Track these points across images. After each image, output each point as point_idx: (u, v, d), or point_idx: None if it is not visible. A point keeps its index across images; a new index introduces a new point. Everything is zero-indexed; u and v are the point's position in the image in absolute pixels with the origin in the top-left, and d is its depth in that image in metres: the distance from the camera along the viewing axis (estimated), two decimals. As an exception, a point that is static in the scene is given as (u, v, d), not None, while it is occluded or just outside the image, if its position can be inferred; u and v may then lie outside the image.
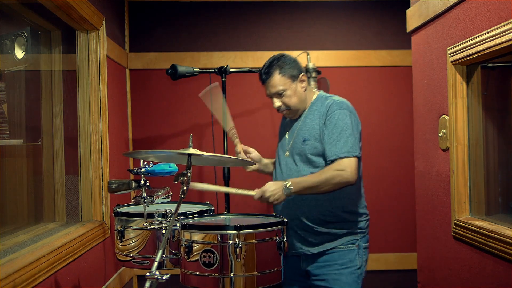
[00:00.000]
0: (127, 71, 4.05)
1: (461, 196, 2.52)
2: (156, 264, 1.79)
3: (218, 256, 2.09)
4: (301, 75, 2.57)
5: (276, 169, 2.71)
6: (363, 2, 4.18)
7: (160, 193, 2.36)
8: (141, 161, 2.30)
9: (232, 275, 2.09)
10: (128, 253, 2.39)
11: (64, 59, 3.10)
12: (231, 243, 2.09)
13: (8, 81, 2.76)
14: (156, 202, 2.33)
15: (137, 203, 2.43)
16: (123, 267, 3.47)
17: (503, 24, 2.07)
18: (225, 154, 3.25)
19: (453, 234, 2.56)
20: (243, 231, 2.10)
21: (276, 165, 2.72)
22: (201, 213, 2.49)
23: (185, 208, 2.57)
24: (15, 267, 1.97)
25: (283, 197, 2.42)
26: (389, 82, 4.20)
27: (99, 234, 2.97)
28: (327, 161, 2.48)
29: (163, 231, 2.31)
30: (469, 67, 2.51)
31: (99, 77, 3.10)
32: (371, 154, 4.06)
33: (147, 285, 1.74)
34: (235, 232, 2.10)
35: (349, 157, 2.42)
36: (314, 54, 4.07)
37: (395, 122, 4.20)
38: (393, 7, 4.07)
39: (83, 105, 3.07)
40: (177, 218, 2.30)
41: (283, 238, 2.20)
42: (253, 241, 2.12)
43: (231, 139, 2.76)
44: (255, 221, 2.34)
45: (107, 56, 3.28)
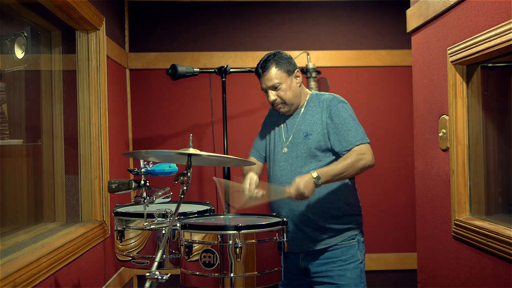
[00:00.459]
0: (127, 71, 4.05)
1: (461, 196, 2.52)
2: (156, 264, 1.79)
3: (218, 256, 2.09)
4: (296, 71, 2.63)
5: (273, 167, 2.68)
6: (363, 2, 4.18)
7: (160, 193, 2.36)
8: (141, 161, 2.30)
9: (232, 275, 2.09)
10: (128, 253, 2.38)
11: (64, 59, 3.10)
12: (231, 243, 2.09)
13: (8, 81, 2.76)
14: (156, 202, 2.33)
15: (137, 203, 2.43)
16: (123, 267, 3.47)
17: (503, 24, 2.07)
18: (225, 154, 3.25)
19: (453, 234, 2.56)
20: (243, 231, 2.10)
21: (271, 163, 2.70)
22: (201, 213, 2.49)
23: (185, 208, 2.57)
24: (15, 267, 1.97)
25: (314, 190, 2.38)
26: (389, 82, 4.20)
27: (99, 234, 2.97)
28: (342, 152, 2.51)
29: (163, 231, 2.31)
30: (469, 67, 2.51)
31: (99, 77, 3.10)
32: (371, 154, 4.06)
33: (147, 285, 1.74)
34: (235, 232, 2.10)
35: (363, 143, 2.50)
36: (314, 54, 4.07)
37: (395, 122, 4.20)
38: (393, 7, 4.07)
39: (83, 105, 3.07)
40: (177, 218, 2.30)
41: (283, 238, 2.20)
42: (253, 241, 2.12)
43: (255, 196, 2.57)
44: (255, 221, 2.34)
45: (107, 56, 3.28)
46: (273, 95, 2.61)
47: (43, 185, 2.99)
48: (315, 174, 2.36)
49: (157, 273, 1.75)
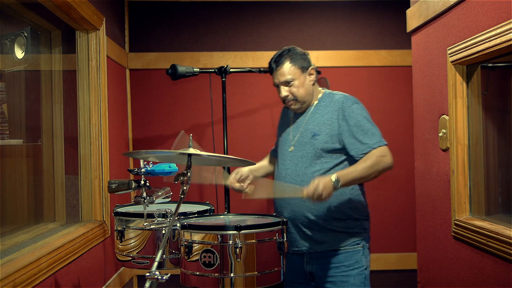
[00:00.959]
0: (127, 71, 4.05)
1: (461, 196, 2.52)
2: (156, 264, 1.79)
3: (218, 256, 2.09)
4: (310, 68, 2.55)
5: (279, 165, 2.63)
6: (363, 2, 4.18)
7: (160, 193, 2.36)
8: (141, 161, 2.30)
9: (232, 275, 2.09)
10: (128, 253, 2.39)
11: (64, 59, 3.11)
12: (231, 243, 2.09)
13: (8, 81, 2.76)
14: (156, 202, 2.34)
15: (137, 203, 2.43)
16: (123, 267, 3.47)
17: (503, 24, 2.07)
18: (225, 154, 3.25)
19: (453, 234, 2.56)
20: (243, 231, 2.10)
21: (278, 161, 2.65)
22: (201, 213, 2.49)
23: (185, 208, 2.57)
24: (15, 267, 1.97)
25: (332, 192, 2.31)
26: (389, 82, 4.20)
27: (99, 234, 2.97)
28: (358, 155, 2.44)
29: (163, 231, 2.31)
30: (469, 67, 2.51)
31: (99, 77, 3.10)
32: (371, 154, 4.06)
33: (147, 285, 1.74)
34: (235, 232, 2.10)
35: (381, 145, 2.43)
36: (314, 54, 4.06)
37: (395, 122, 4.20)
38: (393, 7, 4.07)
39: (83, 105, 3.07)
40: (177, 218, 2.30)
41: (283, 238, 2.20)
42: (253, 241, 2.12)
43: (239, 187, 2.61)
44: (255, 221, 2.34)
45: (107, 56, 3.28)
46: (285, 91, 2.53)
47: (43, 185, 2.99)
48: (334, 176, 2.30)
49: (157, 273, 1.75)
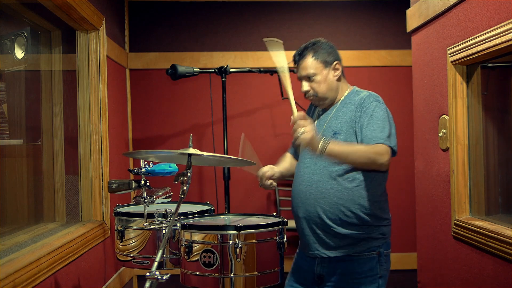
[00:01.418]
0: (127, 71, 4.05)
1: (461, 196, 2.52)
2: (156, 264, 1.79)
3: (218, 256, 2.09)
4: (335, 63, 2.43)
5: (299, 163, 2.48)
6: (363, 2, 4.18)
7: (160, 193, 2.36)
8: (141, 161, 2.30)
9: (232, 275, 2.09)
10: (128, 253, 2.38)
11: (64, 59, 3.11)
12: (231, 243, 2.09)
13: (8, 81, 2.76)
14: (156, 202, 2.33)
15: (137, 203, 2.43)
16: (123, 267, 3.47)
17: (503, 24, 2.07)
18: (225, 154, 3.25)
19: (453, 234, 2.56)
20: (243, 231, 2.10)
21: (299, 159, 2.50)
22: (201, 213, 2.49)
23: (185, 208, 2.57)
24: (15, 267, 1.97)
25: (313, 145, 2.16)
26: (389, 82, 4.20)
27: (99, 234, 2.97)
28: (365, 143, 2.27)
29: (163, 231, 2.31)
30: (469, 67, 2.51)
31: (99, 77, 3.10)
32: (371, 154, 4.06)
33: (147, 285, 1.74)
34: (235, 232, 2.10)
35: (386, 144, 2.26)
36: (314, 54, 4.07)
37: (395, 122, 4.17)
38: (393, 7, 4.07)
39: (83, 105, 3.07)
40: (177, 218, 2.30)
41: (283, 238, 2.20)
42: (253, 241, 2.12)
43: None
44: (255, 221, 2.33)
45: (107, 56, 3.28)
46: (306, 86, 2.40)
47: (43, 185, 2.99)
48: (327, 140, 2.16)
49: (157, 273, 1.75)
